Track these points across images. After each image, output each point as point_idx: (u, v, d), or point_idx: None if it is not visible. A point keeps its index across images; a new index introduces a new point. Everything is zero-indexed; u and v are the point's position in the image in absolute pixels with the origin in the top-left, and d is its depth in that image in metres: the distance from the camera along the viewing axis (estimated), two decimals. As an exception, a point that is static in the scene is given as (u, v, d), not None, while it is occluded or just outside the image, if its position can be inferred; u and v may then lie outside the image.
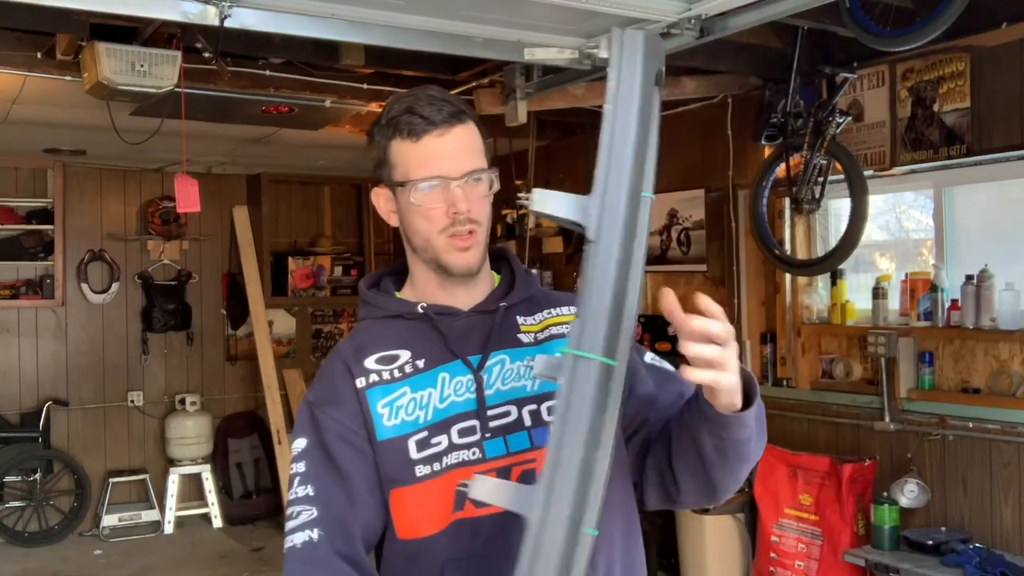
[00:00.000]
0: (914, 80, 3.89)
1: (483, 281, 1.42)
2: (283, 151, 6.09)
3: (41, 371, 6.52)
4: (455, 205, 1.31)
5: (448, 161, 1.32)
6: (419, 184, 1.32)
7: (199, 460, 6.70)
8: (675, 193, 5.02)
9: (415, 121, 1.32)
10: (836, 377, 4.28)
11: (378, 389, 1.35)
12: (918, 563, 3.57)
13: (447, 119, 1.32)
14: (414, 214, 1.34)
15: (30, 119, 4.87)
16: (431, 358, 1.36)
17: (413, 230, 1.36)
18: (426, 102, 1.32)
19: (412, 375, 1.35)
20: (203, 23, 2.66)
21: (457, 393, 1.34)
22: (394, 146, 1.34)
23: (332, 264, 7.52)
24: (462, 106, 1.35)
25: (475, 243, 1.35)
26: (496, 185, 1.39)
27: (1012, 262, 3.68)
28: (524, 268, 1.49)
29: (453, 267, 1.35)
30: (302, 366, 7.15)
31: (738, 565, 4.29)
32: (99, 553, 6.09)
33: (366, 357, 1.37)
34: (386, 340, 1.38)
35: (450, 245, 1.34)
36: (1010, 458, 3.60)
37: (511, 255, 1.50)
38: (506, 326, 1.39)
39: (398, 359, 1.37)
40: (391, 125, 1.34)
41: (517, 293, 1.43)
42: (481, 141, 1.38)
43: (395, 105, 1.35)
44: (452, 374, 1.35)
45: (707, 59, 3.88)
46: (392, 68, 4.11)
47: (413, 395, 1.34)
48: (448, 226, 1.33)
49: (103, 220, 6.76)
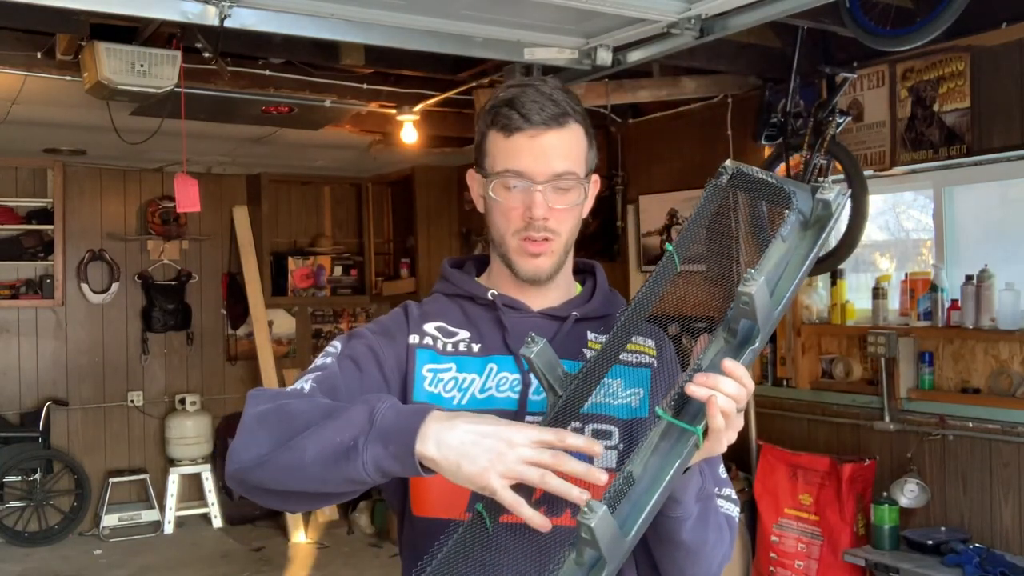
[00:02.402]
0: (914, 80, 3.90)
1: (560, 287, 1.38)
2: (283, 151, 6.09)
3: (41, 371, 6.52)
4: (532, 209, 1.27)
5: (535, 163, 1.27)
6: (501, 178, 1.29)
7: (199, 460, 6.71)
8: (675, 193, 5.02)
9: (512, 116, 1.27)
10: (836, 377, 4.28)
11: (428, 352, 1.32)
12: (918, 563, 3.57)
13: (545, 120, 1.27)
14: (493, 209, 1.32)
15: (30, 119, 4.87)
16: (488, 345, 1.33)
17: (492, 223, 1.33)
18: (530, 98, 1.27)
19: (464, 355, 1.32)
20: (203, 23, 2.66)
21: (500, 389, 1.30)
22: (490, 135, 1.31)
23: (332, 264, 7.53)
24: (569, 107, 1.29)
25: (548, 251, 1.31)
26: (591, 193, 1.35)
27: (1012, 262, 3.68)
28: (610, 288, 1.45)
29: (520, 270, 1.32)
30: (302, 366, 7.14)
31: (738, 565, 4.28)
32: (99, 553, 6.09)
33: (427, 322, 1.35)
34: (451, 315, 1.36)
35: (522, 248, 1.30)
36: (1010, 458, 3.60)
37: (599, 270, 1.46)
38: (573, 337, 1.35)
39: (456, 335, 1.34)
40: (491, 113, 1.31)
41: (592, 307, 1.39)
42: (585, 145, 1.32)
43: (502, 93, 1.31)
44: (501, 367, 1.31)
45: (707, 59, 3.88)
46: (392, 68, 4.11)
47: (457, 375, 1.31)
48: (523, 228, 1.29)
49: (103, 220, 6.76)
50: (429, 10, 2.85)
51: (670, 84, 4.42)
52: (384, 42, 3.02)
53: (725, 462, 1.41)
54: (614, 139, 5.40)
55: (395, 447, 1.06)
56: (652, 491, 1.03)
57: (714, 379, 1.07)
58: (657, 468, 1.05)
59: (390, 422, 1.08)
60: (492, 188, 1.30)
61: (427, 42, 3.05)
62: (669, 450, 1.06)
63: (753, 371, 4.03)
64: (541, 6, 2.78)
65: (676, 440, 1.07)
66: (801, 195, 1.13)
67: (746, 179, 1.18)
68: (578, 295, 1.41)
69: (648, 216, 5.21)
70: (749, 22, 2.98)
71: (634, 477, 1.05)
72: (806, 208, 1.13)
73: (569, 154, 1.29)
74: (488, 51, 3.22)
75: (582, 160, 1.31)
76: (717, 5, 2.86)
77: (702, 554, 1.24)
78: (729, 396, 1.07)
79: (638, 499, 1.03)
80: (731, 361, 1.08)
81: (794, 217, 1.13)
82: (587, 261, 1.46)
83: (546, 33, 3.17)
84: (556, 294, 1.38)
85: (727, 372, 1.07)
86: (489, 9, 2.87)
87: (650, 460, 1.06)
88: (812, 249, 1.12)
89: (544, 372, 1.17)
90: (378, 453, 1.07)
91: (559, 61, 3.32)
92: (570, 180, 1.29)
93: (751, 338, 1.10)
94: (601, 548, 0.98)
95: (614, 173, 5.40)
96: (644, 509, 1.02)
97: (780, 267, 1.12)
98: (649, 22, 2.97)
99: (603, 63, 3.28)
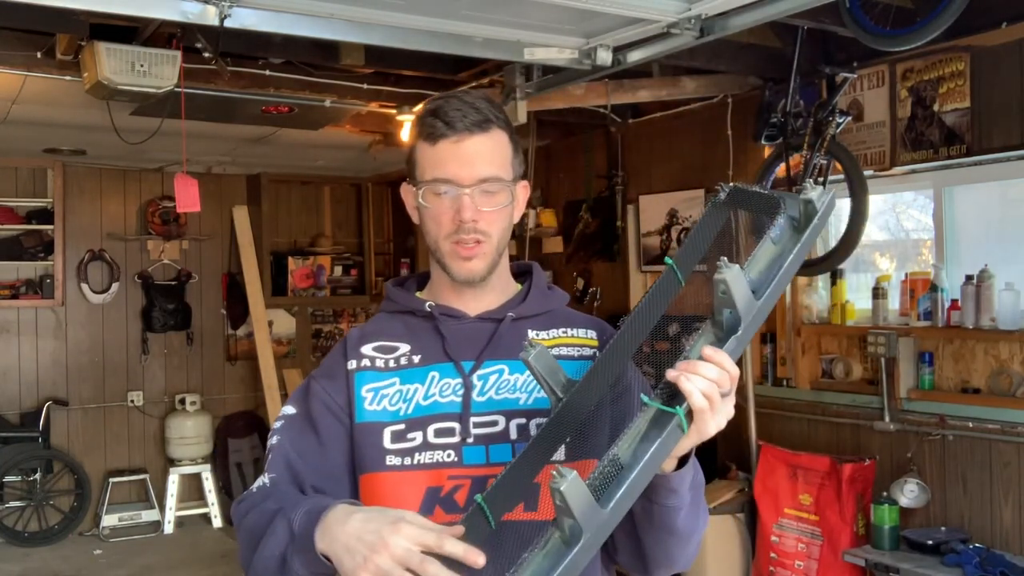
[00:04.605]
0: (914, 80, 3.90)
1: (496, 290, 1.42)
2: (283, 151, 6.09)
3: (41, 371, 6.52)
4: (460, 213, 1.31)
5: (461, 169, 1.31)
6: (430, 186, 1.33)
7: (199, 460, 6.71)
8: (675, 193, 5.02)
9: (436, 124, 1.32)
10: (836, 377, 4.28)
11: (367, 374, 1.37)
12: (918, 563, 3.57)
13: (468, 127, 1.31)
14: (425, 216, 1.36)
15: (30, 119, 4.87)
16: (427, 356, 1.37)
17: (425, 230, 1.38)
18: (453, 106, 1.32)
19: (405, 368, 1.37)
20: (203, 23, 2.66)
21: (443, 394, 1.34)
22: (418, 146, 1.35)
23: (332, 264, 7.53)
24: (492, 115, 1.34)
25: (480, 253, 1.35)
26: (519, 197, 1.39)
27: (1012, 262, 3.68)
28: (549, 284, 1.49)
29: (454, 273, 1.36)
30: (302, 366, 7.16)
31: (738, 565, 4.28)
32: (99, 553, 6.09)
33: (365, 344, 1.40)
34: (391, 332, 1.41)
35: (454, 251, 1.34)
36: (1010, 458, 3.60)
37: (536, 270, 1.50)
38: (513, 337, 1.38)
39: (396, 350, 1.39)
40: (417, 124, 1.36)
41: (529, 305, 1.42)
42: (510, 152, 1.37)
43: (428, 104, 1.36)
44: (443, 374, 1.36)
45: (707, 59, 3.88)
46: (392, 68, 4.11)
47: (401, 387, 1.35)
48: (453, 232, 1.33)
49: (103, 220, 6.76)
50: (429, 10, 2.85)
51: (670, 84, 4.42)
52: (384, 42, 3.02)
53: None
54: (614, 139, 5.40)
55: (307, 552, 1.15)
56: (632, 467, 1.07)
57: (693, 364, 1.11)
58: (641, 450, 1.09)
59: (302, 528, 1.16)
60: (423, 196, 1.34)
61: (427, 42, 3.05)
62: (653, 434, 1.10)
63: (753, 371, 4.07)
64: (541, 6, 2.78)
65: (660, 424, 1.11)
66: (791, 201, 1.19)
67: (743, 194, 1.26)
68: (515, 296, 1.45)
69: (648, 216, 5.21)
70: (749, 22, 2.97)
71: (620, 461, 1.08)
72: (795, 212, 1.19)
73: (494, 159, 1.34)
74: (488, 51, 3.22)
75: (508, 165, 1.36)
76: (717, 5, 2.86)
77: (691, 540, 1.30)
78: (710, 380, 1.10)
79: (619, 477, 1.07)
80: (711, 348, 1.12)
81: (783, 220, 1.19)
82: (526, 263, 1.51)
83: (546, 33, 3.17)
84: (493, 297, 1.42)
85: (706, 358, 1.12)
86: (489, 9, 2.87)
87: (637, 446, 1.10)
88: (799, 244, 1.17)
89: (544, 376, 1.20)
90: (302, 559, 1.16)
91: (559, 61, 3.32)
92: (496, 184, 1.34)
93: (735, 327, 1.14)
94: (575, 514, 1.01)
95: (614, 173, 5.40)
96: (623, 483, 1.06)
97: (772, 268, 1.17)
98: (649, 22, 2.97)
99: (603, 63, 3.28)
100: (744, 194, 1.26)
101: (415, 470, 1.31)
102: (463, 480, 1.30)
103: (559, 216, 5.84)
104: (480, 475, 1.30)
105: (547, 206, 5.89)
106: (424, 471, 1.31)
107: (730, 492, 4.26)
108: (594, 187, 5.58)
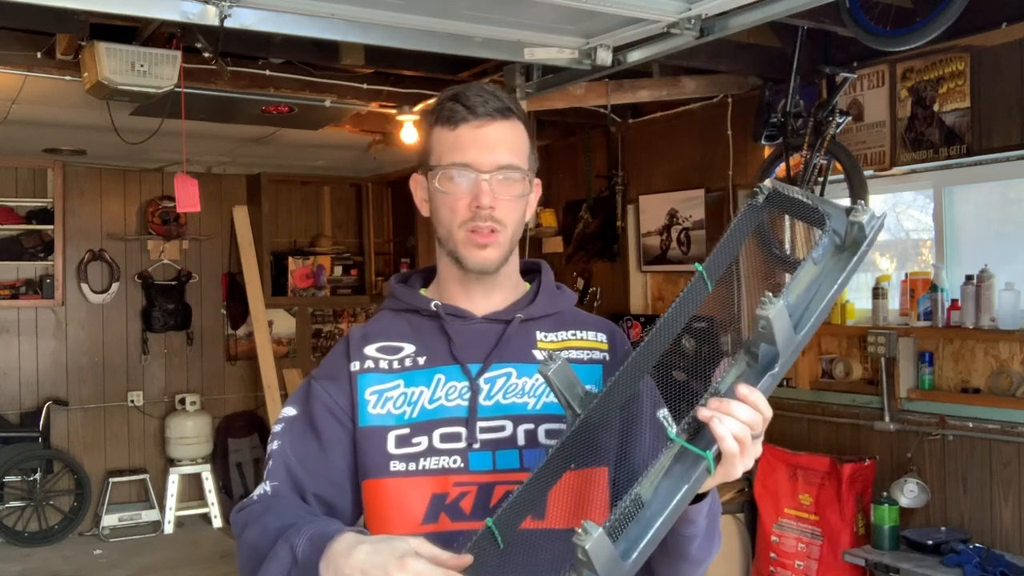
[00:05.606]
0: (914, 80, 3.89)
1: (505, 288, 1.38)
2: (283, 151, 6.09)
3: (41, 371, 6.53)
4: (479, 198, 1.27)
5: (481, 154, 1.28)
6: (447, 170, 1.29)
7: (199, 460, 6.71)
8: (675, 193, 5.02)
9: (456, 108, 1.29)
10: (836, 377, 4.27)
11: (371, 376, 1.33)
12: (918, 563, 3.57)
13: (490, 112, 1.29)
14: (440, 203, 1.31)
15: (30, 119, 4.87)
16: (433, 357, 1.33)
17: (438, 220, 1.33)
18: (474, 92, 1.30)
19: (410, 369, 1.33)
20: (203, 23, 2.66)
21: (448, 398, 1.31)
22: (434, 132, 1.32)
23: (332, 264, 7.53)
24: (511, 104, 1.31)
25: (495, 243, 1.30)
26: (533, 190, 1.36)
27: (1012, 262, 3.68)
28: (558, 285, 1.44)
29: (468, 262, 1.31)
30: (302, 366, 7.16)
31: (738, 565, 4.29)
32: (99, 553, 6.09)
33: (369, 344, 1.36)
34: (395, 331, 1.37)
35: (469, 239, 1.30)
36: (1010, 458, 3.60)
37: (545, 268, 1.45)
38: (521, 339, 1.35)
39: (400, 351, 1.34)
40: (435, 111, 1.32)
41: (538, 306, 1.38)
42: (527, 143, 1.34)
43: (447, 92, 1.33)
44: (449, 377, 1.32)
45: (707, 59, 3.88)
46: (392, 68, 4.11)
47: (405, 390, 1.31)
48: (469, 219, 1.29)
49: (103, 220, 6.77)
50: (429, 10, 2.85)
51: (670, 84, 4.42)
52: (384, 42, 3.02)
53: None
54: (614, 139, 5.40)
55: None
56: (658, 515, 1.02)
57: (727, 404, 1.05)
58: (666, 493, 1.04)
59: (305, 556, 1.12)
60: (438, 180, 1.30)
61: (427, 42, 3.05)
62: (679, 475, 1.04)
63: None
64: (541, 6, 2.78)
65: (687, 465, 1.05)
66: (836, 216, 1.11)
67: (782, 199, 1.17)
68: (523, 296, 1.40)
69: (648, 216, 5.21)
70: (749, 22, 2.97)
71: (642, 500, 1.03)
72: (840, 230, 1.10)
73: (514, 147, 1.31)
74: (488, 51, 3.22)
75: (525, 157, 1.33)
76: (717, 5, 2.86)
77: (703, 565, 1.27)
78: (743, 423, 1.05)
79: (645, 523, 1.02)
80: (746, 386, 1.06)
81: (827, 239, 1.10)
82: (534, 261, 1.46)
83: (546, 33, 3.17)
84: (501, 295, 1.38)
85: (741, 398, 1.05)
86: (489, 9, 2.87)
87: (660, 484, 1.04)
88: (843, 273, 1.08)
89: (562, 390, 1.16)
90: None
91: (559, 61, 3.32)
92: (515, 172, 1.30)
93: (772, 363, 1.06)
94: (597, 569, 0.98)
95: (614, 173, 5.40)
96: (648, 533, 1.01)
97: (811, 291, 1.09)
98: (649, 22, 2.97)
99: (603, 63, 3.28)
100: (783, 198, 1.16)
101: (420, 476, 1.27)
102: (469, 487, 1.27)
103: (559, 216, 5.84)
104: (486, 481, 1.27)
105: (547, 206, 5.89)
106: (429, 477, 1.27)
107: (730, 492, 4.26)
108: (594, 187, 5.58)
